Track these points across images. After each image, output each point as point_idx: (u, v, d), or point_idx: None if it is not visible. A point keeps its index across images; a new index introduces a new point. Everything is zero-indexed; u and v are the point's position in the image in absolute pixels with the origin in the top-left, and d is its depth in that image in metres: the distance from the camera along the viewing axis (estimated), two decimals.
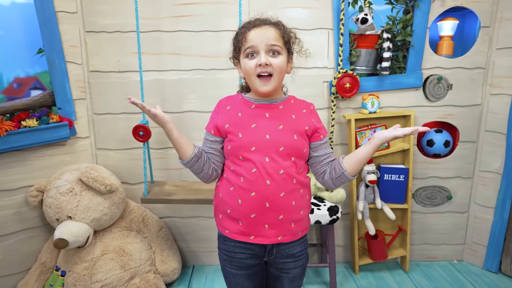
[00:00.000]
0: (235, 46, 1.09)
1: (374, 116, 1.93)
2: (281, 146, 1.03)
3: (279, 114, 1.07)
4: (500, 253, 2.08)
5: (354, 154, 1.06)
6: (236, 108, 1.09)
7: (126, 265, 1.76)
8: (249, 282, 1.15)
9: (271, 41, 1.02)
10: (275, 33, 1.03)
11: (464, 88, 2.00)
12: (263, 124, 1.05)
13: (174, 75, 1.94)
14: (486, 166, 2.07)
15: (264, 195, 1.02)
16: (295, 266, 1.13)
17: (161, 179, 2.04)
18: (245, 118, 1.06)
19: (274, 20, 1.07)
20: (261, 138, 1.03)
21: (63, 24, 1.82)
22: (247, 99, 1.10)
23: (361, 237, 2.11)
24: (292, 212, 1.06)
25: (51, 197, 1.70)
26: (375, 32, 1.92)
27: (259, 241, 1.07)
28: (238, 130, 1.05)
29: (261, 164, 1.02)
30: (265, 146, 1.03)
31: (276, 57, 1.03)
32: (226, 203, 1.08)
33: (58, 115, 1.83)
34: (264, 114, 1.06)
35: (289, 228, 1.07)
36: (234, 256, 1.11)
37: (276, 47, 1.03)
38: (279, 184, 1.03)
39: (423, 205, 2.15)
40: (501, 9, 1.90)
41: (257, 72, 1.03)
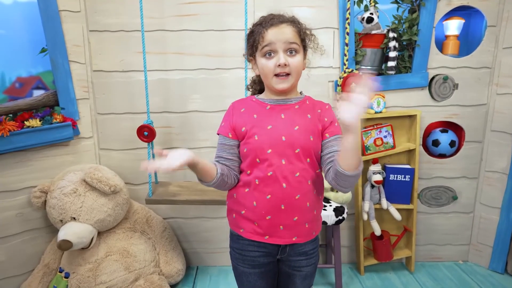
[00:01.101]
0: (251, 44, 1.06)
1: (380, 116, 1.91)
2: (297, 147, 1.02)
3: (295, 114, 1.05)
4: (506, 253, 2.06)
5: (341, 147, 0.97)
6: (251, 110, 1.07)
7: (130, 266, 1.74)
8: (261, 281, 1.14)
9: (289, 39, 1.00)
10: (292, 31, 1.01)
11: (470, 87, 1.98)
12: (279, 125, 1.03)
13: (178, 75, 1.93)
14: (492, 166, 2.05)
15: (280, 197, 1.02)
16: (307, 264, 1.13)
17: (165, 179, 2.02)
18: (260, 120, 1.04)
19: (289, 17, 1.05)
20: (277, 140, 1.02)
21: (66, 23, 1.80)
22: (261, 101, 1.08)
23: (366, 237, 2.10)
24: (306, 213, 1.06)
25: (55, 198, 1.69)
26: (380, 31, 1.91)
27: (273, 241, 1.07)
28: (255, 132, 1.04)
29: (277, 167, 1.02)
30: (281, 148, 1.02)
31: (293, 57, 1.02)
32: (241, 204, 1.08)
33: (61, 115, 1.81)
34: (279, 115, 1.05)
35: (303, 229, 1.07)
36: (247, 255, 1.11)
37: (294, 46, 1.01)
38: (295, 186, 1.02)
39: (428, 206, 2.13)
40: (508, 8, 1.89)
41: (275, 72, 1.02)
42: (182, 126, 1.98)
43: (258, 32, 1.03)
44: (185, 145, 2.01)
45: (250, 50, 1.07)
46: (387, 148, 1.97)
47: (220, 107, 1.95)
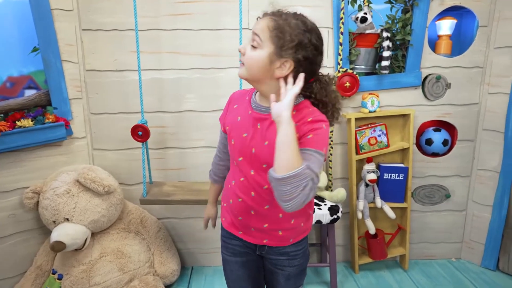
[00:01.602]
0: None
1: (374, 115, 1.93)
2: (264, 163, 0.97)
3: (269, 127, 0.96)
4: (497, 250, 2.09)
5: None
6: (240, 110, 1.05)
7: (124, 267, 1.73)
8: (243, 270, 1.14)
9: (256, 30, 0.90)
10: (264, 23, 0.89)
11: (462, 87, 2.01)
12: (252, 136, 0.98)
13: (172, 74, 1.91)
14: (484, 165, 2.08)
15: (249, 204, 1.03)
16: (289, 265, 1.11)
17: (159, 179, 2.01)
18: (241, 125, 1.02)
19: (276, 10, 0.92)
20: (248, 151, 0.99)
21: (59, 22, 1.78)
22: (250, 102, 1.02)
23: (360, 236, 2.11)
24: (278, 222, 1.04)
25: (48, 199, 1.67)
26: (374, 31, 1.92)
27: (246, 238, 1.09)
28: (232, 136, 1.04)
29: (247, 176, 1.01)
30: (250, 159, 1.00)
31: (253, 49, 0.90)
32: (225, 197, 1.13)
33: (54, 115, 1.79)
34: (256, 125, 0.98)
35: (276, 235, 1.06)
36: (229, 242, 1.14)
37: (256, 38, 0.89)
38: (263, 197, 1.01)
39: (422, 204, 2.15)
40: (499, 8, 1.91)
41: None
42: (177, 126, 1.97)
43: None
44: (179, 145, 2.00)
45: None
46: (381, 147, 1.98)
47: (215, 106, 1.95)
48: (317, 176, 0.84)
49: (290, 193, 0.81)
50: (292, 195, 0.81)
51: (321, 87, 0.96)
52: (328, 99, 0.96)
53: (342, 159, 2.06)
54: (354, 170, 1.97)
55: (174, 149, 2.00)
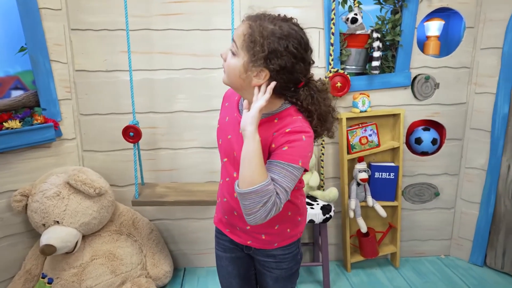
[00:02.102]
0: None
1: (365, 115, 1.95)
2: None
3: None
4: (485, 247, 2.14)
5: None
6: (229, 110, 1.03)
7: (116, 269, 1.71)
8: (233, 266, 1.15)
9: (234, 36, 0.88)
10: (241, 29, 0.87)
11: (450, 87, 2.05)
12: (235, 139, 0.96)
13: (164, 75, 1.90)
14: (472, 163, 2.12)
15: (232, 205, 1.03)
16: (277, 267, 1.09)
17: (151, 180, 1.99)
18: (227, 126, 1.01)
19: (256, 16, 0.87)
20: (231, 152, 0.99)
21: (47, 21, 1.75)
22: (238, 104, 1.00)
23: (352, 235, 2.13)
24: (261, 226, 0.98)
25: (37, 202, 1.64)
26: (364, 31, 1.94)
27: (232, 237, 1.10)
28: (220, 136, 1.04)
29: (231, 177, 1.01)
30: (233, 162, 0.99)
31: (231, 57, 0.89)
32: (218, 194, 1.13)
33: (42, 116, 1.76)
34: (239, 128, 0.91)
35: (259, 238, 1.05)
36: (220, 238, 1.16)
37: (233, 45, 0.88)
38: None
39: (412, 202, 2.19)
40: (485, 10, 1.96)
41: None
42: (168, 126, 1.96)
43: None
44: (171, 145, 1.98)
45: None
46: (372, 147, 2.00)
47: (207, 107, 1.94)
48: (285, 190, 0.83)
49: (250, 207, 0.81)
50: (252, 210, 0.81)
51: (308, 94, 0.90)
52: (314, 108, 0.90)
53: (333, 158, 2.08)
54: (345, 169, 1.99)
55: (165, 150, 1.99)
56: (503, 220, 2.05)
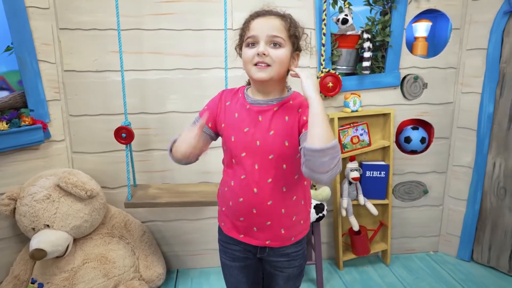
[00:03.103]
0: (239, 35, 1.03)
1: (356, 114, 1.98)
2: (270, 154, 0.99)
3: (272, 117, 0.99)
4: (472, 242, 2.20)
5: (309, 120, 0.91)
6: (234, 107, 1.05)
7: (109, 273, 1.68)
8: (242, 274, 1.15)
9: (273, 31, 0.95)
10: (279, 24, 0.96)
11: (438, 87, 2.09)
12: (255, 129, 1.00)
13: (155, 75, 1.88)
14: (459, 161, 2.18)
15: (251, 202, 1.02)
16: (289, 266, 1.12)
17: (143, 182, 1.97)
18: (239, 120, 1.02)
19: (280, 11, 1.01)
20: (252, 144, 0.99)
21: (34, 20, 1.71)
22: (244, 98, 1.05)
23: (344, 233, 2.15)
24: (281, 219, 1.04)
25: (26, 205, 1.60)
26: (355, 32, 1.97)
27: (248, 241, 1.08)
28: (231, 133, 1.03)
29: (250, 172, 1.01)
30: (255, 153, 1.00)
31: (277, 49, 0.96)
32: (222, 201, 1.11)
33: (30, 118, 1.72)
34: (257, 117, 1.00)
35: (279, 233, 1.06)
36: (228, 247, 1.14)
37: (278, 39, 0.95)
38: (267, 192, 1.01)
39: (402, 200, 2.23)
40: (470, 12, 2.01)
41: (254, 61, 0.96)
42: (160, 127, 1.94)
43: (246, 22, 1.01)
44: (163, 146, 1.96)
45: (239, 42, 1.04)
46: (363, 146, 2.03)
47: (200, 107, 1.87)
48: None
49: (328, 164, 0.83)
50: (330, 166, 0.83)
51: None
52: None
53: None
54: None
55: (158, 151, 1.97)
56: (489, 216, 2.11)
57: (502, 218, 2.06)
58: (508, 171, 2.00)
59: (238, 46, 1.06)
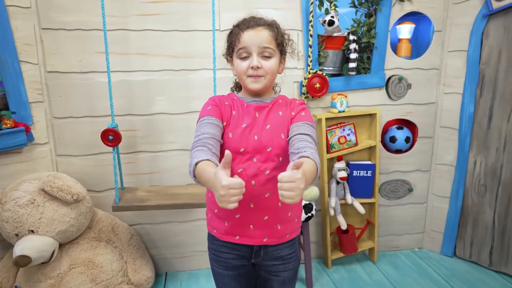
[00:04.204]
0: (228, 45, 1.09)
1: (343, 115, 2.00)
2: (268, 146, 1.04)
3: (268, 113, 1.08)
4: (455, 238, 2.26)
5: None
6: (233, 106, 1.09)
7: (97, 278, 1.65)
8: (235, 283, 1.14)
9: (264, 43, 1.02)
10: (268, 35, 1.03)
11: (422, 87, 2.15)
12: (253, 124, 1.05)
13: (141, 76, 1.86)
14: (442, 159, 2.24)
15: (249, 195, 1.02)
16: (284, 269, 1.12)
17: (131, 184, 1.94)
18: (237, 117, 1.07)
19: (268, 20, 1.07)
20: (250, 138, 1.04)
21: (15, 19, 1.66)
22: (240, 98, 1.11)
23: (332, 232, 2.18)
24: (278, 213, 1.07)
25: (8, 211, 1.55)
26: (341, 34, 2.00)
27: (244, 241, 1.08)
28: (229, 130, 1.05)
29: (248, 165, 1.03)
30: (253, 147, 1.03)
31: (267, 60, 1.03)
32: (214, 203, 1.08)
33: (12, 120, 1.66)
34: (254, 114, 1.07)
35: (275, 229, 1.08)
36: (221, 256, 1.12)
37: (269, 50, 1.03)
38: (264, 184, 1.04)
39: (388, 198, 2.27)
40: (451, 15, 2.07)
41: (248, 73, 1.04)
42: (147, 129, 1.92)
43: (235, 33, 1.05)
44: (151, 148, 1.94)
45: (228, 51, 1.10)
46: (350, 146, 2.06)
47: (187, 108, 1.92)
48: (315, 141, 1.03)
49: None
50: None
51: None
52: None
53: None
54: (325, 168, 2.04)
55: (145, 153, 1.94)
56: (471, 212, 2.18)
57: (482, 215, 2.13)
58: (488, 169, 2.07)
59: (227, 55, 1.11)
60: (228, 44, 1.08)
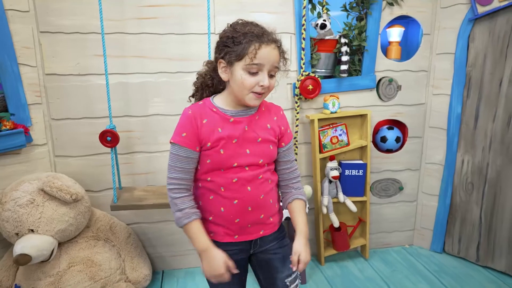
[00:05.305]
0: (237, 52, 0.99)
1: (335, 116, 2.06)
2: (260, 158, 1.09)
3: (256, 125, 1.09)
4: (443, 235, 2.33)
5: (295, 221, 1.15)
6: (215, 122, 1.05)
7: (95, 276, 1.69)
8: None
9: (275, 63, 1.03)
10: (278, 54, 1.04)
11: (411, 89, 2.21)
12: (243, 138, 1.07)
13: (138, 78, 1.90)
14: (431, 159, 2.31)
15: (246, 200, 1.09)
16: (281, 245, 1.19)
17: (127, 184, 1.98)
18: (225, 134, 1.05)
19: (277, 38, 1.05)
20: (243, 153, 1.07)
21: (14, 23, 1.69)
22: (223, 112, 1.07)
23: (325, 230, 2.24)
24: (270, 208, 1.15)
25: (9, 210, 1.58)
26: (333, 37, 2.06)
27: (243, 238, 1.14)
28: (220, 147, 1.05)
29: (241, 174, 1.08)
30: (245, 161, 1.07)
31: (272, 78, 1.04)
32: (207, 211, 1.11)
33: (11, 122, 1.70)
34: (243, 128, 1.07)
35: (269, 223, 1.16)
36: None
37: (276, 69, 1.04)
38: (259, 188, 1.10)
39: (379, 197, 2.34)
40: (439, 19, 2.14)
41: (255, 90, 1.01)
42: (144, 130, 1.96)
43: (248, 43, 0.98)
44: (147, 149, 1.98)
45: (232, 58, 1.00)
46: (342, 146, 2.12)
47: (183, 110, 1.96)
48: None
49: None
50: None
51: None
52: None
53: (306, 158, 2.18)
54: (318, 168, 2.09)
55: (141, 154, 1.99)
56: (459, 210, 2.25)
57: (470, 212, 2.20)
58: (475, 168, 2.14)
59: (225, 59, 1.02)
60: (234, 50, 0.99)
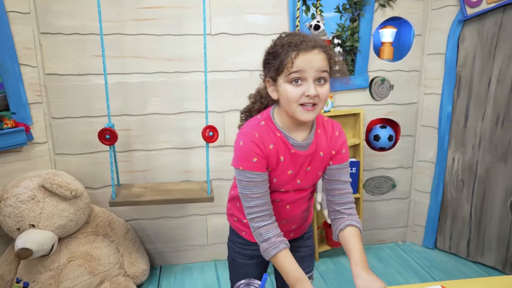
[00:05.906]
0: (275, 66, 0.94)
1: (329, 114, 2.11)
2: (307, 185, 1.08)
3: (313, 159, 1.05)
4: (435, 231, 2.38)
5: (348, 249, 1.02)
6: (278, 150, 1.01)
7: (94, 270, 1.74)
8: (257, 269, 1.21)
9: (321, 68, 0.92)
10: (324, 59, 0.93)
11: (403, 88, 2.27)
12: (298, 171, 1.04)
13: (136, 78, 1.95)
14: (423, 157, 2.36)
15: (283, 216, 1.10)
16: (303, 245, 1.21)
17: (126, 181, 2.03)
18: (285, 164, 1.03)
19: (320, 41, 0.95)
20: (293, 183, 1.06)
21: (15, 24, 1.74)
22: (285, 138, 1.01)
23: (319, 226, 2.29)
24: (303, 219, 1.16)
25: (10, 206, 1.63)
26: (327, 38, 2.11)
27: None
28: (274, 175, 1.03)
29: (285, 196, 1.08)
30: (293, 188, 1.07)
31: (323, 86, 0.93)
32: (243, 214, 1.08)
33: (13, 120, 1.74)
34: (301, 162, 1.03)
35: (299, 229, 1.19)
36: (249, 249, 1.18)
37: (325, 75, 0.93)
38: (298, 207, 1.11)
39: (372, 194, 2.39)
40: (430, 20, 2.19)
41: (301, 101, 0.92)
42: (142, 128, 2.01)
43: (285, 54, 0.92)
44: (145, 147, 2.03)
45: (273, 73, 0.95)
46: None
47: (180, 109, 2.01)
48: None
49: None
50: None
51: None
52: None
53: None
54: None
55: (139, 152, 2.03)
56: (450, 206, 2.30)
57: (461, 208, 2.25)
58: (465, 165, 2.20)
59: (270, 77, 0.97)
60: (273, 65, 0.94)
